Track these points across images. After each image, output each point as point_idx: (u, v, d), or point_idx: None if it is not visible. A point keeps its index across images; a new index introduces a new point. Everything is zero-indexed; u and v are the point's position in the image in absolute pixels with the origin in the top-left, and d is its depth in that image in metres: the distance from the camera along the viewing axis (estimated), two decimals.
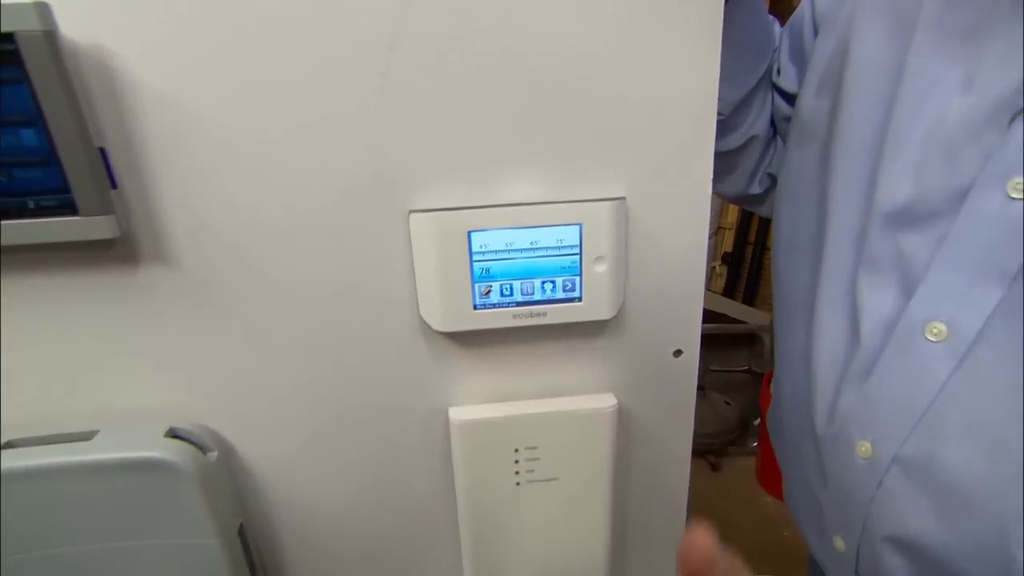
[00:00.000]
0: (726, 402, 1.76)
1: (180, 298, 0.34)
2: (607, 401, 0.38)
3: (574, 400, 0.38)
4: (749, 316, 1.93)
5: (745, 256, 2.13)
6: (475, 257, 0.34)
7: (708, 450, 1.69)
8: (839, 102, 0.39)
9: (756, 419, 1.77)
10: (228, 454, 0.39)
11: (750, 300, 2.12)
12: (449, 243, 0.33)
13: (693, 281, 0.38)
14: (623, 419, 0.40)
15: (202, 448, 0.37)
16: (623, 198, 0.35)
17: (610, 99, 0.33)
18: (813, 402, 0.40)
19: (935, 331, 0.33)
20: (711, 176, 0.35)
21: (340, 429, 0.39)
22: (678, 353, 0.39)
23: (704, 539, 0.20)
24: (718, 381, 1.78)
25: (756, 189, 0.55)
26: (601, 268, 0.35)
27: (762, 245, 2.05)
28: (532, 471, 0.40)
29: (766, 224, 2.01)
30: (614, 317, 0.37)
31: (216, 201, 0.33)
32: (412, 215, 0.33)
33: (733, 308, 2.02)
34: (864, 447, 0.36)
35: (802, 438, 0.43)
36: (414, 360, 0.38)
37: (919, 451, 0.34)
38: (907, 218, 0.34)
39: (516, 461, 0.39)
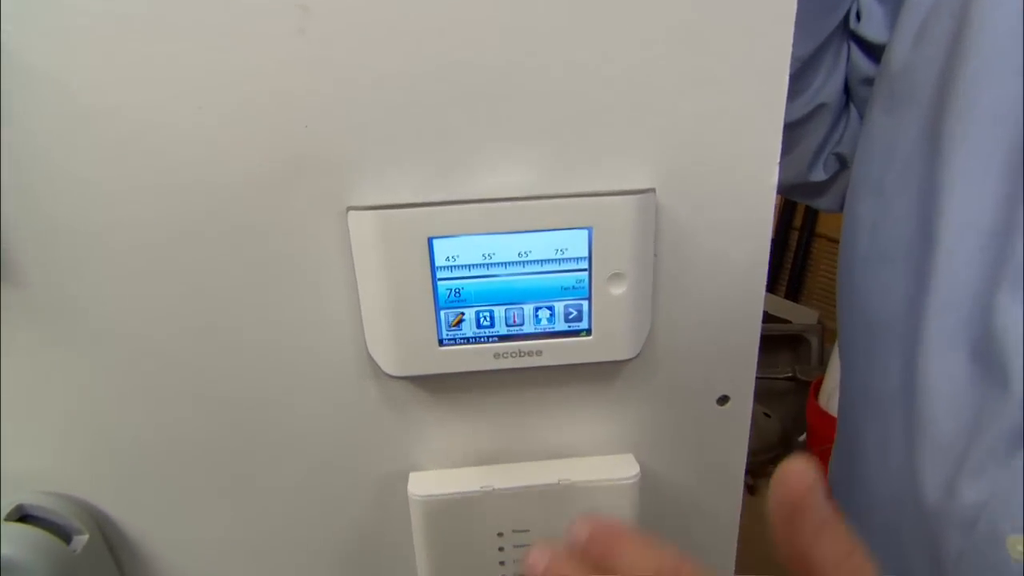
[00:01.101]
0: (765, 414, 1.74)
1: (27, 324, 0.31)
2: (627, 467, 0.35)
3: (582, 465, 0.35)
4: (793, 314, 1.90)
5: (789, 242, 2.08)
6: (440, 274, 0.30)
7: (746, 470, 1.67)
8: (959, 54, 0.33)
9: (801, 434, 1.74)
10: (110, 536, 0.35)
11: (794, 295, 2.08)
12: (403, 254, 0.29)
13: (748, 306, 0.34)
14: (649, 490, 0.37)
15: (64, 534, 0.32)
16: (651, 190, 0.30)
17: (634, 48, 0.28)
18: (920, 466, 0.35)
19: None
20: (778, 158, 0.30)
21: (262, 504, 0.36)
22: (724, 400, 0.36)
23: (805, 467, 0.21)
24: (756, 389, 1.75)
25: (819, 175, 0.50)
26: (619, 289, 0.31)
27: (810, 231, 2.02)
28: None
29: (814, 207, 1.97)
30: (636, 356, 0.33)
31: (71, 197, 0.29)
32: (351, 213, 0.30)
33: (774, 304, 1.99)
34: (1020, 547, 0.30)
35: (898, 512, 0.37)
36: (359, 411, 0.35)
37: None
38: None
39: (501, 549, 0.35)
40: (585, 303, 0.31)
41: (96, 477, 0.34)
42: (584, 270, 0.30)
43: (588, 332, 0.31)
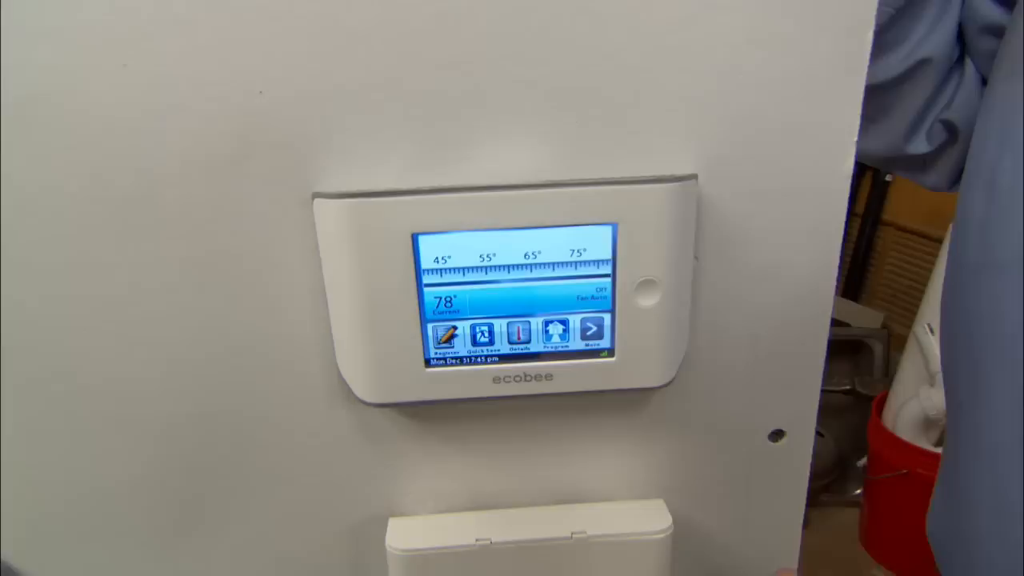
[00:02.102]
0: (818, 432, 1.72)
1: None
2: (657, 517, 0.34)
3: (601, 514, 0.34)
4: (854, 316, 1.89)
5: (850, 232, 2.07)
6: (427, 278, 0.29)
7: (804, 520, 1.69)
8: None
9: (860, 458, 1.72)
10: None
11: (854, 293, 2.07)
12: (382, 253, 0.28)
13: (812, 321, 0.32)
14: (684, 546, 0.37)
15: None
16: (692, 177, 0.29)
17: None
18: None
19: None
20: (855, 137, 0.29)
21: (208, 562, 0.35)
22: (778, 436, 0.35)
23: None
24: None
25: (920, 146, 0.48)
26: (649, 300, 0.29)
27: (875, 217, 2.00)
28: None
29: (881, 187, 1.96)
30: (670, 383, 0.32)
31: None
32: (318, 202, 0.28)
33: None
34: None
35: None
36: (328, 446, 0.34)
37: None
38: None
39: None
40: (607, 316, 0.29)
41: (12, 534, 0.33)
42: (606, 276, 0.28)
43: (610, 352, 0.30)
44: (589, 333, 0.29)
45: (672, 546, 0.33)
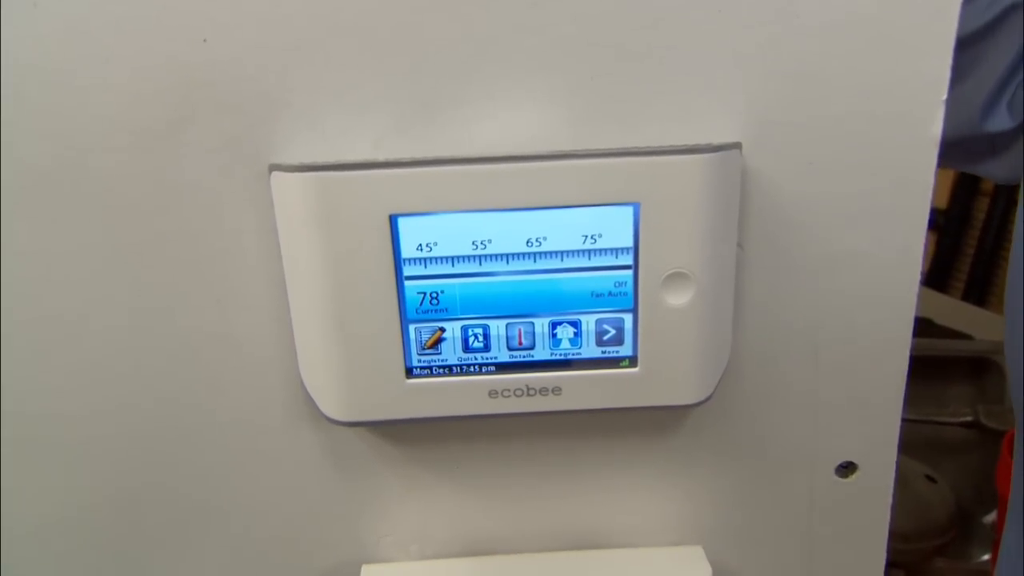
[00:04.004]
0: (929, 477, 1.72)
1: None
2: (694, 568, 0.36)
3: (625, 563, 0.36)
4: (977, 325, 1.88)
5: (971, 219, 2.08)
6: (408, 269, 0.31)
7: (897, 562, 1.66)
8: None
9: (989, 512, 1.72)
10: None
11: (979, 297, 2.07)
12: (353, 238, 0.30)
13: (890, 324, 0.34)
14: None
15: None
16: (735, 146, 0.30)
17: None
18: None
19: None
20: (944, 93, 0.30)
21: None
22: (848, 469, 0.36)
23: None
24: (915, 439, 1.74)
25: (1000, 121, 0.50)
26: (680, 298, 0.31)
27: (1007, 199, 2.00)
28: None
29: None
30: (707, 399, 0.33)
31: None
32: (276, 176, 0.30)
33: (946, 309, 1.96)
34: None
35: None
36: (289, 475, 0.36)
37: None
38: None
39: None
40: (628, 317, 0.31)
41: None
42: (627, 267, 0.31)
43: (632, 361, 0.32)
44: (606, 338, 0.31)
45: None
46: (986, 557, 1.72)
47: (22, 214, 0.31)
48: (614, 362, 0.32)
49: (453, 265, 0.30)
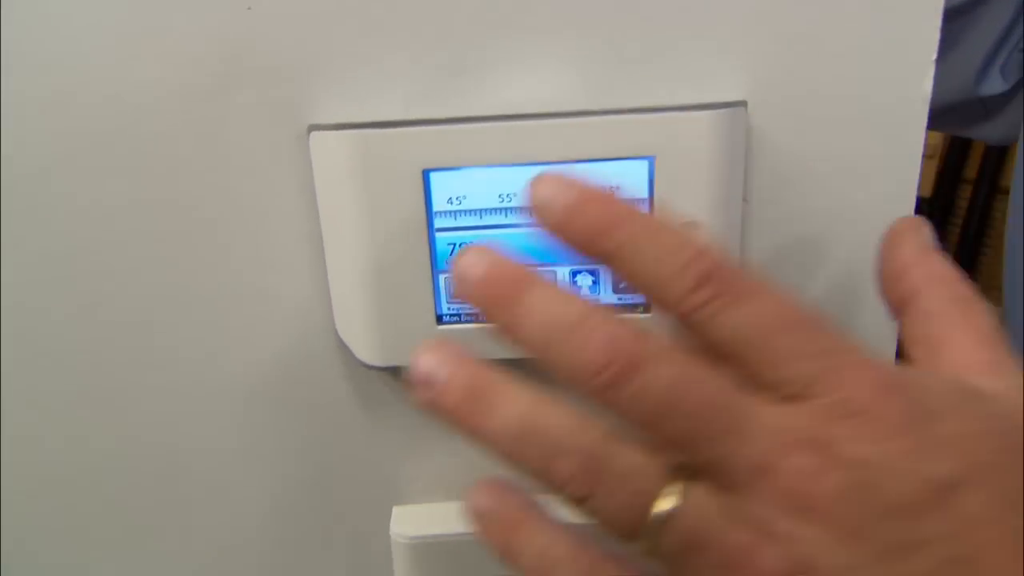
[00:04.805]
0: None
1: None
2: None
3: None
4: None
5: (957, 201, 2.07)
6: (439, 221, 0.32)
7: None
8: None
9: None
10: None
11: (968, 276, 2.07)
12: (388, 193, 0.31)
13: None
14: None
15: None
16: (741, 104, 0.32)
17: None
18: None
19: None
20: (934, 54, 0.32)
21: (194, 540, 0.39)
22: None
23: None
24: None
25: (993, 85, 0.51)
26: None
27: (990, 183, 1.99)
28: None
29: (997, 147, 1.94)
30: None
31: None
32: (315, 135, 0.32)
33: None
34: None
35: None
36: (323, 422, 0.37)
37: None
38: None
39: None
40: None
41: None
42: None
43: (646, 307, 0.33)
44: (622, 285, 0.33)
45: None
46: None
47: (82, 172, 0.32)
48: (629, 308, 0.33)
49: (481, 217, 0.32)
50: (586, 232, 0.24)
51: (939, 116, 0.53)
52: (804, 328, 0.23)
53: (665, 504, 0.22)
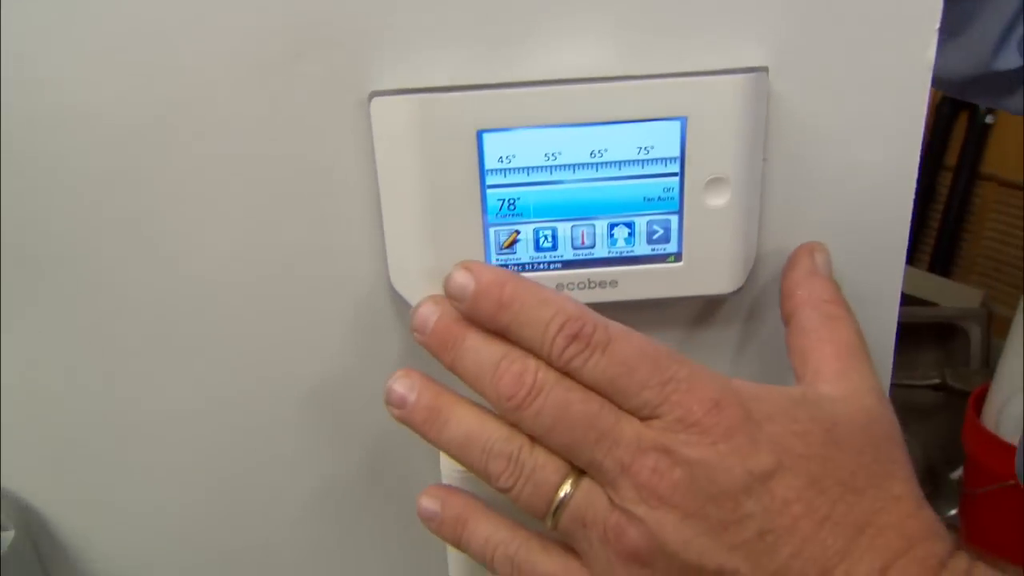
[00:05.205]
0: None
1: None
2: None
3: None
4: (944, 294, 1.93)
5: (938, 188, 2.10)
6: (490, 179, 0.34)
7: None
8: None
9: (955, 469, 1.76)
10: (37, 539, 0.40)
11: (945, 267, 2.11)
12: (445, 152, 0.33)
13: (892, 226, 0.38)
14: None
15: None
16: (763, 69, 0.34)
17: None
18: None
19: None
20: (937, 22, 0.34)
21: (236, 491, 0.42)
22: None
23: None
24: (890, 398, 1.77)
25: (1010, 59, 0.50)
26: (719, 200, 0.35)
27: (970, 171, 2.02)
28: None
29: (980, 131, 1.98)
30: (739, 290, 0.37)
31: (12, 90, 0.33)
32: (376, 101, 0.33)
33: (916, 281, 2.00)
34: None
35: None
36: (378, 363, 0.39)
37: None
38: None
39: None
40: (674, 218, 0.35)
41: (25, 463, 0.40)
42: (674, 174, 0.34)
43: (677, 257, 0.36)
44: (655, 237, 0.35)
45: None
46: (954, 511, 1.76)
47: (169, 135, 0.34)
48: (662, 258, 0.35)
49: (528, 175, 0.34)
50: (488, 312, 0.31)
51: (964, 87, 0.54)
52: (648, 364, 0.30)
53: (561, 493, 0.31)
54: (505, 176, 0.34)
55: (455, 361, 0.32)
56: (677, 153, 0.34)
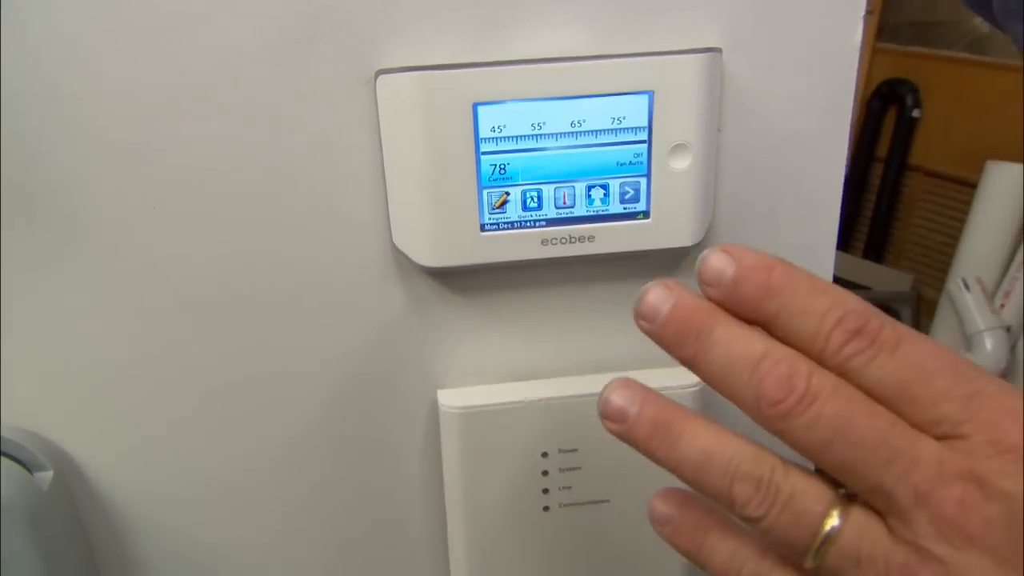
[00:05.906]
0: None
1: None
2: (688, 375, 0.37)
3: (638, 376, 0.37)
4: (877, 278, 2.03)
5: (870, 179, 2.18)
6: (484, 147, 0.37)
7: None
8: None
9: None
10: (71, 482, 0.42)
11: (878, 253, 2.19)
12: (443, 123, 0.36)
13: (827, 188, 0.42)
14: (713, 403, 0.40)
15: (27, 466, 0.39)
16: (718, 50, 0.38)
17: None
18: None
19: None
20: (862, 12, 0.38)
21: (257, 436, 0.44)
22: None
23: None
24: None
25: None
26: (682, 163, 0.39)
27: (900, 162, 2.11)
28: (569, 488, 0.43)
29: (908, 125, 2.07)
30: (700, 243, 0.41)
31: (42, 63, 0.35)
32: (383, 78, 0.36)
33: (850, 266, 2.07)
34: None
35: None
36: (381, 315, 0.42)
37: None
38: None
39: (544, 473, 0.43)
40: (643, 180, 0.39)
41: (59, 408, 0.42)
42: (643, 142, 0.38)
43: (646, 215, 0.39)
44: (627, 197, 0.39)
45: (703, 402, 0.42)
46: None
47: (186, 113, 0.37)
48: (633, 215, 0.39)
49: (517, 143, 0.37)
50: (751, 298, 0.26)
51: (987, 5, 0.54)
52: (949, 372, 0.24)
53: (828, 525, 0.25)
54: (497, 144, 0.37)
55: (698, 355, 0.27)
56: (645, 123, 0.38)
